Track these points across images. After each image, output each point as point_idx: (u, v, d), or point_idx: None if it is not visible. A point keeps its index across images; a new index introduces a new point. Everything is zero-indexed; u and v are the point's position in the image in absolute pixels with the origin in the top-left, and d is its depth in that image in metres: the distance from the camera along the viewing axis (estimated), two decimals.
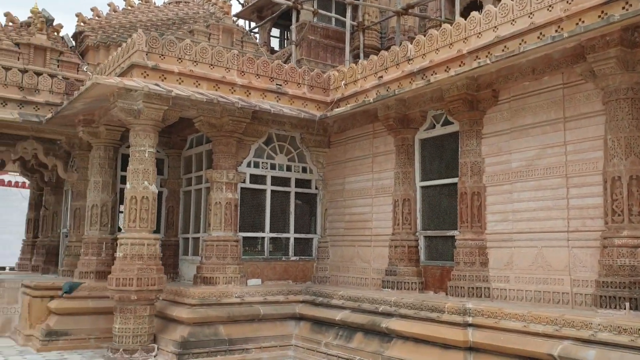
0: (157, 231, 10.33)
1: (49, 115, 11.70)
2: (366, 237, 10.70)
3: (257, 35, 18.49)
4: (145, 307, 9.46)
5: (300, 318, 10.25)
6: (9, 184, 68.93)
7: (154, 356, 9.38)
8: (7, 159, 12.63)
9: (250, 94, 10.82)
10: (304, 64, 15.11)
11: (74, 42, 14.57)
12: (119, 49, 10.97)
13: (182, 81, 10.18)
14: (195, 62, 10.38)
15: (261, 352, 9.65)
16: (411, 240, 9.75)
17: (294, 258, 11.50)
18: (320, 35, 17.05)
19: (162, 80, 9.97)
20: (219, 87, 10.52)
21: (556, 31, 7.50)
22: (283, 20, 18.74)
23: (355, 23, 17.34)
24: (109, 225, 11.65)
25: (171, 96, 9.60)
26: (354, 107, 10.16)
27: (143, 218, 9.68)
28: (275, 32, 20.05)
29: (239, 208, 10.80)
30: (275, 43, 20.14)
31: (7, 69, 12.27)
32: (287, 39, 20.34)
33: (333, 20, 17.75)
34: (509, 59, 7.72)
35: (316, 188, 11.94)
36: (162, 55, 10.10)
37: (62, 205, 14.89)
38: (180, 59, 10.25)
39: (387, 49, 17.11)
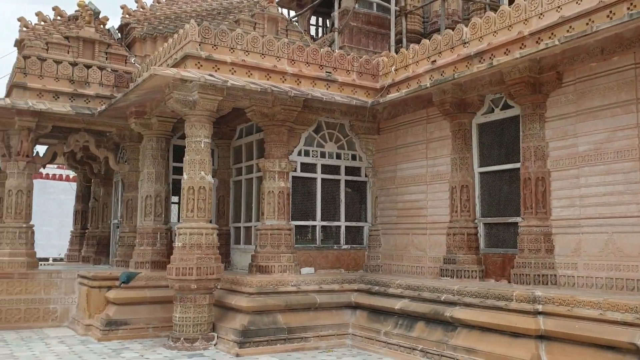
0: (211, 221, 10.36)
1: (102, 107, 11.82)
2: (421, 224, 10.58)
3: (296, 24, 18.36)
4: (204, 296, 9.53)
5: (355, 307, 10.20)
6: (47, 176, 70.33)
7: (214, 344, 9.44)
8: (59, 152, 12.82)
9: (300, 82, 10.75)
10: (347, 51, 14.96)
11: (119, 35, 14.69)
12: (170, 40, 11.00)
13: (235, 71, 10.16)
14: (246, 51, 10.35)
15: (319, 341, 9.64)
16: (470, 227, 9.59)
17: (345, 247, 11.44)
18: (362, 22, 16.86)
19: (216, 71, 9.96)
20: (270, 77, 10.47)
21: (628, 9, 7.22)
22: (322, 7, 18.62)
23: (397, 8, 17.09)
24: (163, 216, 11.74)
25: (227, 86, 9.59)
26: (409, 92, 10.00)
27: (200, 208, 9.72)
28: (314, 20, 19.95)
29: (290, 197, 10.77)
30: (313, 31, 20.03)
31: (58, 62, 12.42)
32: (326, 26, 20.21)
33: (374, 5, 17.53)
34: (577, 40, 7.46)
35: (366, 176, 11.83)
36: (215, 45, 10.09)
37: (111, 196, 15.11)
38: (232, 48, 10.22)
39: (431, 33, 16.99)
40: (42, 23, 13.62)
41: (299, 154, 11.10)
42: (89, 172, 15.42)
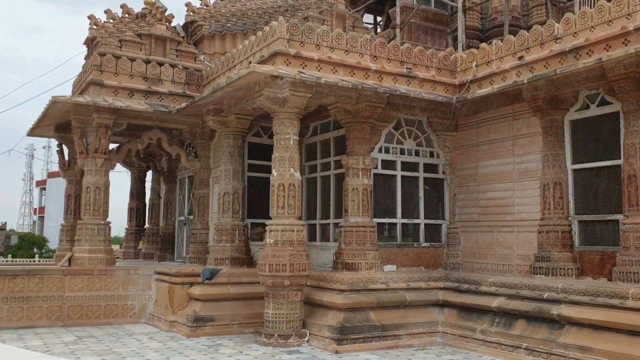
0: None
1: (183, 105, 11.87)
2: (507, 222, 10.47)
3: (362, 21, 18.31)
4: (296, 293, 9.53)
5: (443, 305, 10.15)
6: None
7: (307, 341, 9.44)
8: (133, 149, 12.88)
9: (382, 78, 10.70)
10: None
11: (184, 32, 14.72)
12: (253, 37, 11.00)
13: (321, 68, 10.14)
14: (331, 48, 10.32)
15: (411, 339, 9.60)
16: (564, 225, 9.47)
17: (425, 244, 11.38)
18: (420, 18, 16.74)
19: (303, 68, 9.94)
20: (354, 73, 10.43)
21: None
22: (375, 4, 18.53)
23: (456, 4, 16.98)
24: (240, 213, 11.76)
25: (319, 83, 9.58)
26: (502, 88, 9.90)
27: (290, 205, 9.73)
28: (366, 18, 19.86)
29: (372, 194, 10.73)
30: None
31: (132, 60, 12.49)
32: (379, 23, 20.13)
33: (432, 1, 17.42)
34: None
35: (443, 173, 11.75)
36: (302, 42, 10.07)
37: (175, 193, 15.18)
38: (318, 45, 10.20)
39: (489, 30, 16.84)
40: (111, 21, 13.70)
41: (380, 150, 11.06)
42: (152, 169, 15.50)
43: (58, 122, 13.73)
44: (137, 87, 12.39)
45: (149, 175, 17.85)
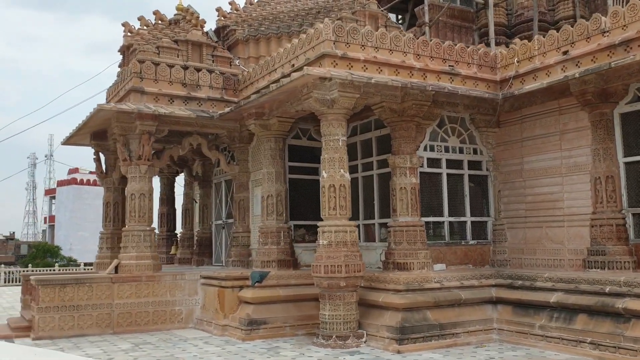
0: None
1: (227, 109, 11.94)
2: (556, 217, 10.47)
3: (393, 20, 18.33)
4: (352, 294, 9.55)
5: (496, 302, 10.15)
6: (81, 182, 70.81)
7: (364, 342, 9.45)
8: (175, 155, 12.93)
9: (426, 76, 10.71)
10: None
11: (216, 37, 14.78)
12: (295, 40, 11.04)
13: (367, 68, 10.15)
14: (376, 48, 10.33)
15: (468, 336, 9.60)
16: (618, 218, 9.46)
17: (472, 242, 11.38)
18: (446, 15, 16.75)
19: (350, 69, 9.96)
20: (398, 72, 10.45)
21: None
22: (400, 3, 18.54)
23: (482, 1, 16.98)
24: (284, 215, 11.79)
25: (368, 83, 9.62)
26: (552, 82, 9.89)
27: (342, 205, 9.75)
28: (390, 16, 19.86)
29: (419, 193, 10.74)
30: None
31: (170, 66, 12.55)
32: (403, 21, 20.12)
33: None
34: None
35: (487, 169, 11.75)
36: (347, 43, 10.09)
37: (211, 197, 15.22)
38: (363, 46, 10.22)
39: (516, 25, 16.81)
40: (145, 28, 13.77)
41: (425, 149, 11.07)
42: (187, 174, 15.54)
43: (94, 131, 13.82)
44: (176, 93, 12.45)
45: (177, 180, 17.96)
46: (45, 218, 73.19)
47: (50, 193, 69.84)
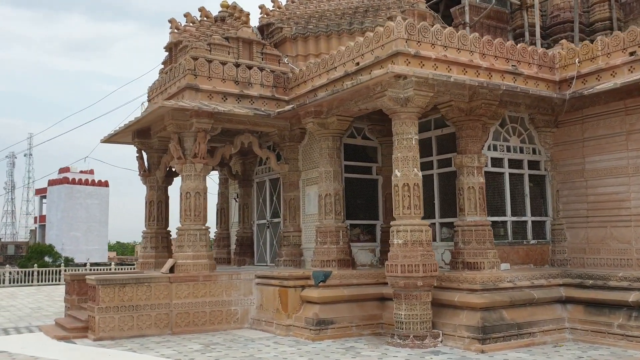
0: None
1: (288, 108, 11.83)
2: (623, 217, 10.49)
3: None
4: (427, 293, 9.50)
5: (566, 301, 10.16)
6: (73, 181, 69.87)
7: (440, 341, 9.40)
8: (227, 153, 12.77)
9: (491, 76, 10.69)
10: None
11: (260, 34, 14.64)
12: (360, 38, 11.00)
13: (437, 67, 10.11)
14: (445, 47, 10.30)
15: (544, 336, 9.59)
16: None
17: (533, 242, 11.37)
18: (482, 16, 16.81)
19: (421, 67, 9.92)
20: (466, 71, 10.42)
21: None
22: (433, 4, 18.54)
23: (518, 2, 17.06)
24: (342, 214, 11.69)
25: (443, 82, 9.59)
26: (628, 83, 9.87)
27: (416, 205, 9.70)
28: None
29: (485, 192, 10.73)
30: None
31: (223, 63, 12.40)
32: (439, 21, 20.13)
33: None
34: None
35: (545, 169, 11.76)
36: (419, 42, 10.04)
37: (251, 196, 15.07)
38: (433, 44, 10.18)
39: (552, 27, 16.87)
40: (191, 24, 13.60)
41: (488, 148, 11.05)
42: (227, 173, 15.37)
43: (138, 129, 13.62)
44: (230, 90, 12.30)
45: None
46: (35, 218, 72.24)
47: (40, 192, 68.96)
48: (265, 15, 14.75)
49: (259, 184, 14.80)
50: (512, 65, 11.03)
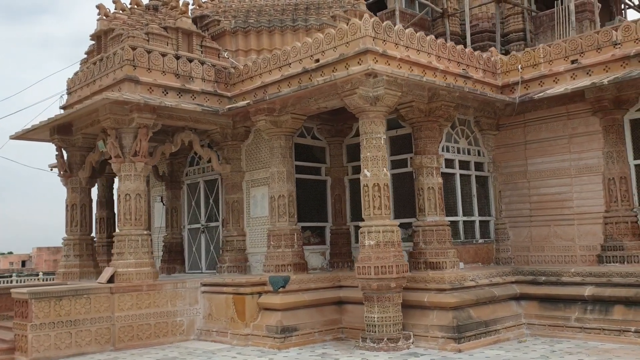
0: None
1: (242, 103, 11.16)
2: (566, 216, 11.09)
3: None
4: (399, 295, 9.39)
5: (519, 298, 10.53)
6: None
7: (412, 343, 9.31)
8: (167, 151, 11.80)
9: (446, 78, 10.86)
10: None
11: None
12: (319, 34, 10.73)
13: (401, 67, 10.05)
14: (407, 47, 10.29)
15: (507, 332, 9.85)
16: (631, 216, 10.27)
17: (480, 241, 11.70)
18: (408, 22, 17.18)
19: (387, 66, 9.81)
20: (425, 73, 10.46)
21: None
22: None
23: (440, 9, 17.64)
24: (295, 216, 11.27)
25: (410, 82, 9.57)
26: (576, 89, 10.34)
27: (386, 205, 9.56)
28: None
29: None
30: None
31: (163, 55, 11.51)
32: None
33: (417, 5, 17.97)
34: None
35: (488, 171, 12.16)
36: (384, 40, 9.95)
37: (181, 200, 14.14)
38: (397, 44, 10.13)
39: (473, 35, 17.55)
40: (121, 12, 12.51)
41: (442, 150, 11.20)
42: (153, 174, 14.26)
43: (57, 125, 12.25)
44: (171, 84, 11.42)
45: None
46: None
47: None
48: (197, 7, 13.94)
49: (191, 186, 13.91)
50: (463, 69, 11.29)
